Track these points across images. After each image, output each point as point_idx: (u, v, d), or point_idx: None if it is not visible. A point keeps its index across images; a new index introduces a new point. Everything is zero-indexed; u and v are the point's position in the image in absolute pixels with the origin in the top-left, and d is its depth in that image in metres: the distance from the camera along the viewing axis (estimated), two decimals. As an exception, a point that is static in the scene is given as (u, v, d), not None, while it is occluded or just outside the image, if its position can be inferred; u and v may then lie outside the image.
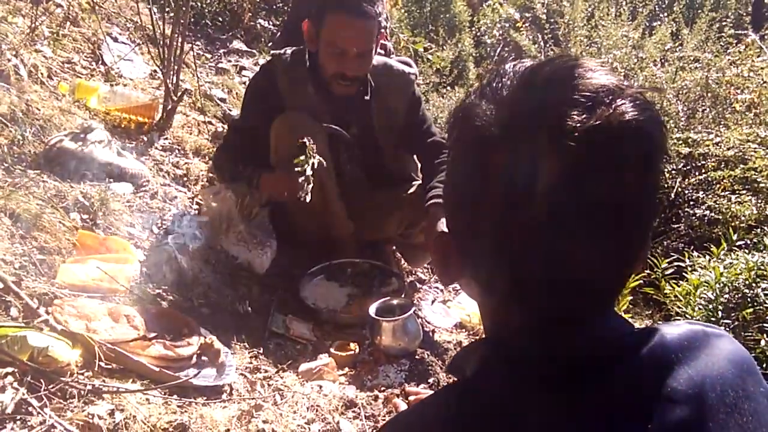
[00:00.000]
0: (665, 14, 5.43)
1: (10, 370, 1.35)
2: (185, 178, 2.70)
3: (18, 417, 1.27)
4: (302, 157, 2.04)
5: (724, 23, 5.02)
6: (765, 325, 2.34)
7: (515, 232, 0.61)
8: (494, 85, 0.65)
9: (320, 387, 1.81)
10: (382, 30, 2.35)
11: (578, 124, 0.58)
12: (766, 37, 4.66)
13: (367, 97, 2.38)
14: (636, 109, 0.60)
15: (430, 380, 1.96)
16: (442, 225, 1.29)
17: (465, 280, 0.72)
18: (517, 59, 0.69)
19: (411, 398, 1.75)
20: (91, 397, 1.38)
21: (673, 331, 0.67)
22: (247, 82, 2.61)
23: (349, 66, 2.23)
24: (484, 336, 0.75)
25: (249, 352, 1.92)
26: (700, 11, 5.03)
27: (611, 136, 0.58)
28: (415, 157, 2.65)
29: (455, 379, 0.75)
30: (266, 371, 1.85)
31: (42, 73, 2.73)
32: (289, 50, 2.38)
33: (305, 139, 2.06)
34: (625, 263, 0.65)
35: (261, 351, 1.96)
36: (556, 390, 0.61)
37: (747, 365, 0.68)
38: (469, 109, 0.65)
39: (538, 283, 0.63)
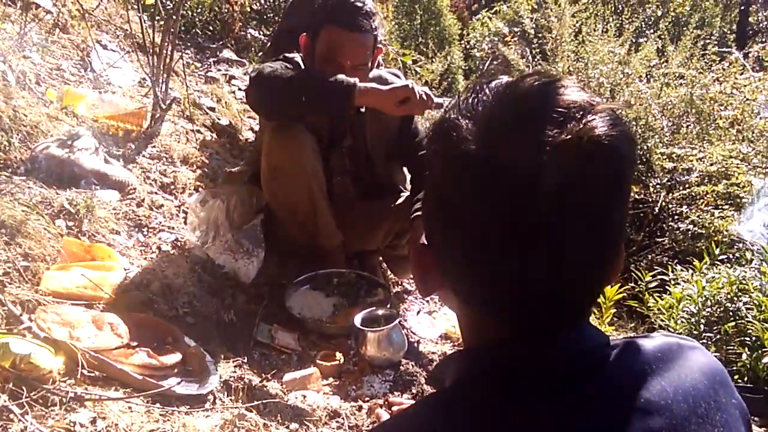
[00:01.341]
0: (651, 31, 5.52)
1: (-9, 376, 1.34)
2: (172, 186, 2.70)
3: (-2, 424, 1.26)
4: None
5: (708, 41, 5.11)
6: (746, 338, 2.37)
7: (491, 245, 0.62)
8: (471, 100, 0.66)
9: (304, 397, 1.81)
10: (379, 45, 2.37)
11: (550, 139, 0.59)
12: (749, 55, 4.75)
13: (362, 110, 2.39)
14: (606, 125, 0.61)
15: (414, 391, 1.96)
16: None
17: (443, 291, 0.73)
18: (505, 73, 0.71)
19: (394, 409, 1.75)
20: (72, 405, 1.37)
21: (647, 343, 0.69)
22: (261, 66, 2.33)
23: None
24: (463, 345, 0.76)
25: (233, 362, 1.92)
26: (685, 28, 5.12)
27: (582, 151, 0.60)
28: (405, 169, 2.66)
29: (435, 389, 0.76)
30: (250, 380, 1.84)
31: (30, 79, 2.72)
32: (282, 58, 2.36)
33: None
34: (599, 274, 0.66)
35: (245, 360, 1.95)
36: (533, 401, 0.62)
37: (719, 377, 0.70)
38: (447, 124, 0.66)
39: (514, 294, 0.64)
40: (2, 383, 1.34)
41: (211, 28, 4.53)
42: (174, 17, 2.91)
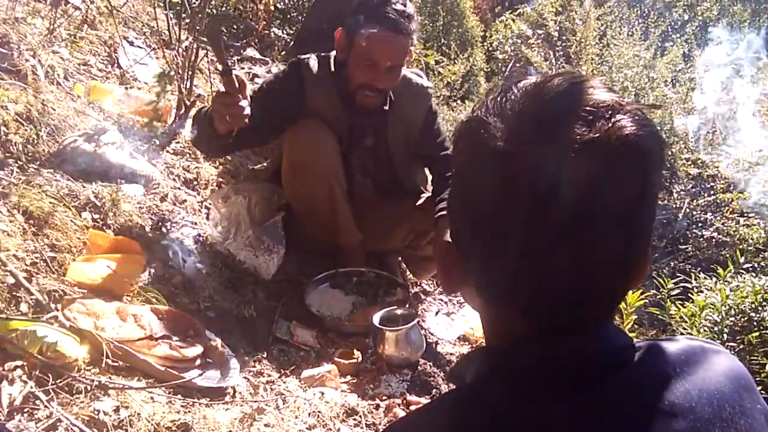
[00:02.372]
0: (677, 35, 5.45)
1: (19, 363, 1.37)
2: (195, 182, 2.73)
3: (26, 409, 1.28)
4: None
5: (736, 46, 5.03)
6: (771, 349, 2.33)
7: (517, 243, 0.62)
8: (500, 99, 0.66)
9: (322, 393, 1.82)
10: (412, 47, 2.38)
11: (578, 137, 0.59)
12: (778, 61, 4.66)
13: (385, 108, 2.40)
14: (635, 125, 0.61)
15: (432, 391, 1.97)
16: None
17: (467, 289, 0.73)
18: (528, 75, 0.71)
19: (412, 408, 1.76)
20: (97, 393, 1.40)
21: (671, 346, 0.68)
22: (269, 77, 2.47)
23: (378, 78, 2.25)
24: (484, 344, 0.75)
25: (253, 357, 1.93)
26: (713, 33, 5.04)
27: (610, 151, 0.60)
28: (426, 169, 2.66)
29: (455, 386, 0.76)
30: (269, 376, 1.86)
31: (58, 74, 2.76)
32: (313, 56, 2.38)
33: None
34: (625, 275, 0.66)
35: (265, 356, 1.97)
36: (555, 400, 0.62)
37: (744, 381, 0.69)
38: (475, 122, 0.66)
39: (540, 293, 0.64)
40: (29, 370, 1.37)
41: (235, 26, 4.57)
42: (200, 15, 2.94)
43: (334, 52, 2.35)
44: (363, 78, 2.25)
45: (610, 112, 0.61)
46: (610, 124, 0.60)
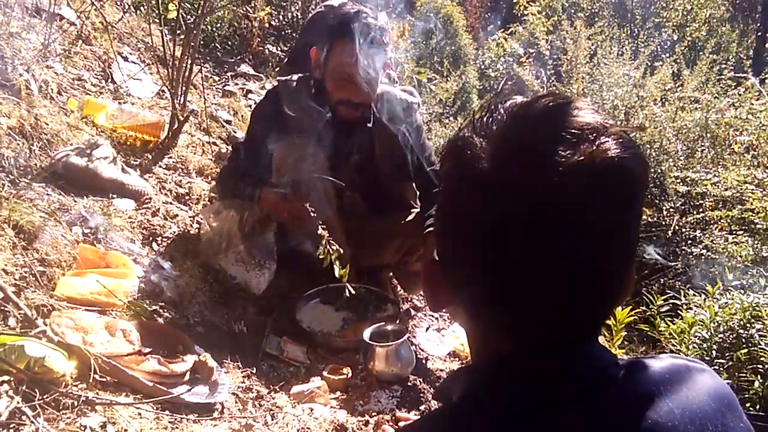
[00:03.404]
0: (667, 55, 5.52)
1: (6, 378, 1.36)
2: (187, 197, 2.73)
3: (11, 425, 1.27)
4: (320, 248, 2.06)
5: (724, 66, 5.10)
6: (759, 366, 2.34)
7: (502, 262, 0.63)
8: (486, 119, 0.67)
9: (311, 409, 1.81)
10: (388, 60, 2.40)
11: (563, 160, 0.60)
12: (766, 80, 4.73)
13: (369, 125, 2.42)
14: (619, 147, 0.62)
15: (422, 407, 1.96)
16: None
17: (453, 307, 0.74)
18: (520, 94, 0.72)
19: (401, 424, 1.75)
20: (84, 409, 1.39)
21: (656, 364, 0.69)
22: (253, 106, 2.67)
23: (354, 93, 2.28)
24: (470, 362, 0.76)
25: (242, 372, 1.93)
26: (701, 53, 5.12)
27: (594, 172, 0.61)
28: (414, 185, 2.68)
29: (442, 404, 0.77)
30: (258, 391, 1.85)
31: (52, 89, 2.77)
32: (295, 77, 2.44)
33: (320, 229, 2.06)
34: (610, 295, 0.67)
35: (254, 371, 1.96)
36: (539, 419, 0.63)
37: (728, 400, 0.69)
38: (461, 142, 0.67)
39: (525, 313, 0.65)
40: (16, 385, 1.36)
41: (229, 43, 4.60)
42: (194, 31, 2.97)
43: None
44: (340, 94, 2.30)
45: (594, 135, 0.62)
46: (594, 147, 0.61)
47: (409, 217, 2.55)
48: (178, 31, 3.10)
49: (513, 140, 0.64)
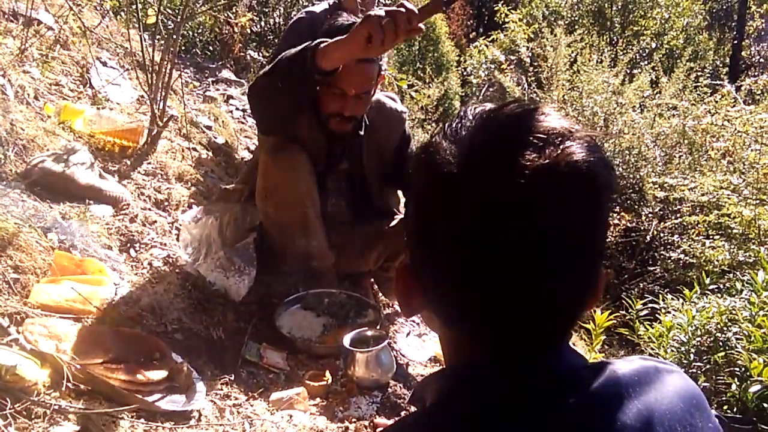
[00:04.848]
0: (645, 62, 5.60)
1: (-25, 387, 1.34)
2: (166, 203, 2.71)
3: (-20, 435, 1.25)
4: None
5: (701, 74, 5.19)
6: (736, 369, 2.37)
7: (469, 268, 0.63)
8: (455, 125, 0.68)
9: (290, 416, 1.80)
10: (382, 72, 2.40)
11: (528, 164, 0.61)
12: (741, 88, 4.81)
13: (360, 133, 2.42)
14: (584, 151, 0.63)
15: (402, 413, 1.96)
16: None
17: (426, 313, 0.74)
18: (501, 100, 0.73)
19: (379, 431, 1.75)
20: (56, 418, 1.37)
21: (625, 366, 0.69)
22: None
23: (347, 107, 2.27)
24: (444, 367, 0.76)
25: (220, 379, 1.91)
26: (678, 61, 5.20)
27: (560, 176, 0.61)
28: (399, 192, 2.68)
29: (416, 408, 0.77)
30: (236, 399, 1.84)
31: (29, 94, 2.74)
32: None
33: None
34: (579, 299, 0.67)
35: (233, 378, 1.94)
36: (510, 421, 0.63)
37: (696, 401, 0.70)
38: (432, 147, 0.68)
39: (493, 319, 0.65)
40: (-14, 394, 1.34)
41: (210, 48, 4.58)
42: (174, 37, 2.95)
43: None
44: (333, 107, 2.27)
45: (560, 139, 0.63)
46: (559, 150, 0.62)
47: (392, 224, 2.55)
48: (158, 36, 3.09)
49: (481, 144, 0.65)
